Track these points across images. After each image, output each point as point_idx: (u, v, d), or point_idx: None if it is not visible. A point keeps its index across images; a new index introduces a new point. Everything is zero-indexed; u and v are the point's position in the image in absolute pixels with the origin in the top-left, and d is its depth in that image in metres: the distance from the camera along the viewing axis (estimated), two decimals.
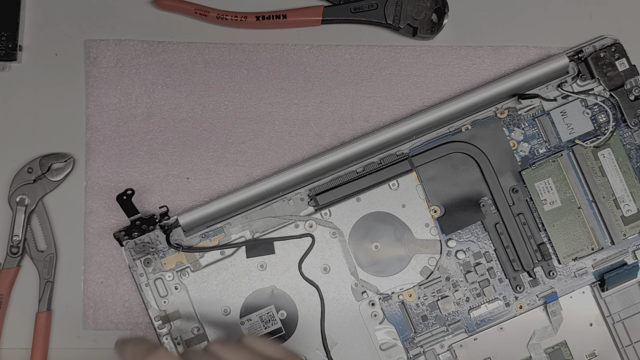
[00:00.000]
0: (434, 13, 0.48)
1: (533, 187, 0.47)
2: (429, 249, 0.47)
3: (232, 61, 0.49)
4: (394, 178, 0.47)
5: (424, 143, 0.47)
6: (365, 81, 0.49)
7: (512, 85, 0.47)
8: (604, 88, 0.47)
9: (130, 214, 0.46)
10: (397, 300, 0.47)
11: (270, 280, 0.47)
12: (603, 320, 0.47)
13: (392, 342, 0.47)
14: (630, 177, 0.47)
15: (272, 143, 0.49)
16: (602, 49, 0.47)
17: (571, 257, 0.47)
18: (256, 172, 0.49)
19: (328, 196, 0.47)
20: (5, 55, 0.48)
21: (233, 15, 0.48)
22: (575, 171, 0.47)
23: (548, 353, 0.47)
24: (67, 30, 0.49)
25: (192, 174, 0.49)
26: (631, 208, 0.47)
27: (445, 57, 0.49)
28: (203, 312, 0.47)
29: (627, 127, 0.47)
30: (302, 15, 0.48)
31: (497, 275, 0.47)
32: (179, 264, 0.47)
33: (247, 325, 0.47)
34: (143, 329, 0.48)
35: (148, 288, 0.47)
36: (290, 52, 0.49)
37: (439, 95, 0.49)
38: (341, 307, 0.47)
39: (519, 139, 0.47)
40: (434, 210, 0.47)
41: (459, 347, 0.47)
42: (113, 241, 0.48)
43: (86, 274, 0.48)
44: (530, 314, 0.47)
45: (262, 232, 0.47)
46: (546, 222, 0.47)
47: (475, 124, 0.47)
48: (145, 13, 0.49)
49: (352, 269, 0.47)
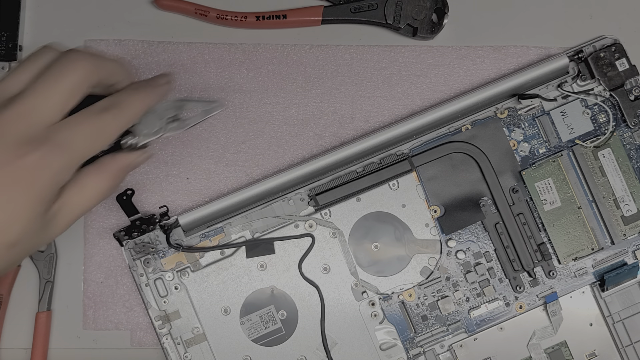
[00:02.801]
0: (434, 13, 0.48)
1: (533, 187, 0.47)
2: (429, 249, 0.47)
3: (232, 61, 0.49)
4: (394, 178, 0.47)
5: (424, 143, 0.47)
6: (365, 81, 0.49)
7: (512, 85, 0.47)
8: (604, 88, 0.47)
9: (130, 214, 0.46)
10: (397, 300, 0.47)
11: (270, 280, 0.47)
12: (603, 320, 0.47)
13: (392, 342, 0.47)
14: (630, 177, 0.47)
15: (272, 143, 0.49)
16: (602, 49, 0.47)
17: (571, 257, 0.47)
18: (256, 172, 0.49)
19: (328, 196, 0.47)
20: (5, 55, 0.48)
21: (233, 15, 0.48)
22: (575, 171, 0.47)
23: (548, 353, 0.47)
24: (67, 30, 0.49)
25: (192, 174, 0.49)
26: (631, 208, 0.47)
27: (445, 57, 0.49)
28: (203, 312, 0.47)
29: (627, 127, 0.47)
30: (302, 15, 0.48)
31: (497, 275, 0.47)
32: (179, 264, 0.47)
33: (247, 325, 0.47)
34: (143, 328, 0.48)
35: (148, 288, 0.47)
36: (290, 52, 0.49)
37: (439, 95, 0.49)
38: (341, 307, 0.47)
39: (519, 139, 0.47)
40: (434, 210, 0.47)
41: (459, 347, 0.47)
42: (113, 241, 0.48)
43: (86, 274, 0.48)
44: (530, 314, 0.47)
45: (262, 232, 0.47)
46: (546, 222, 0.47)
47: (475, 124, 0.47)
48: (145, 13, 0.49)
49: (352, 269, 0.47)
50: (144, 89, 0.37)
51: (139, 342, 0.48)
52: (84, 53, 0.35)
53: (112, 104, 0.35)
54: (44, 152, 0.32)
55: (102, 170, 0.36)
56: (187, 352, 0.46)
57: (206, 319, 0.47)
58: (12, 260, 0.34)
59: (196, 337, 0.47)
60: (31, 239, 0.34)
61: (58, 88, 0.33)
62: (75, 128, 0.34)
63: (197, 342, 0.47)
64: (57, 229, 0.35)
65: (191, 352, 0.46)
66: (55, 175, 0.33)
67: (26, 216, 0.33)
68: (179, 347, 0.46)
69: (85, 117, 0.34)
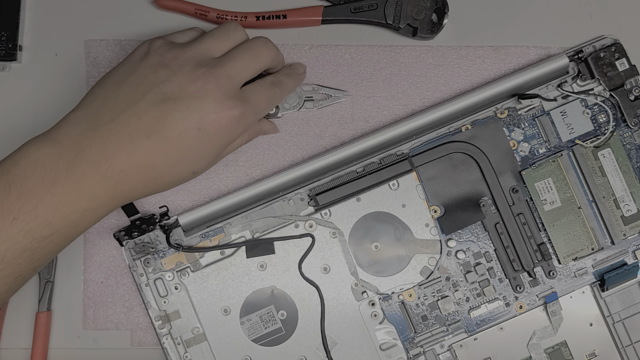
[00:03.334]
0: (434, 13, 0.48)
1: (533, 187, 0.47)
2: (429, 249, 0.47)
3: None
4: (394, 178, 0.47)
5: (424, 143, 0.47)
6: (365, 81, 0.49)
7: (512, 85, 0.47)
8: (604, 88, 0.47)
9: (130, 214, 0.46)
10: (397, 300, 0.47)
11: (270, 280, 0.47)
12: (603, 320, 0.47)
13: (392, 342, 0.47)
14: (630, 177, 0.47)
15: (272, 143, 0.49)
16: (602, 49, 0.47)
17: (571, 257, 0.47)
18: (256, 172, 0.49)
19: (328, 196, 0.47)
20: (5, 55, 0.48)
21: (233, 15, 0.48)
22: (575, 171, 0.47)
23: (548, 353, 0.47)
24: (67, 30, 0.49)
25: None
26: (631, 208, 0.47)
27: (445, 57, 0.49)
28: (203, 312, 0.47)
29: (627, 127, 0.47)
30: (302, 15, 0.48)
31: (497, 275, 0.47)
32: (179, 264, 0.47)
33: (247, 325, 0.47)
34: (143, 328, 0.48)
35: (148, 288, 0.47)
36: (290, 52, 0.49)
37: (439, 95, 0.49)
38: (341, 307, 0.47)
39: (519, 139, 0.47)
40: (434, 210, 0.47)
41: (459, 347, 0.47)
42: (113, 241, 0.48)
43: (86, 274, 0.48)
44: (530, 314, 0.47)
45: (262, 232, 0.47)
46: (546, 222, 0.47)
47: (475, 124, 0.47)
48: (145, 13, 0.49)
49: (352, 269, 0.47)
50: (295, 74, 0.46)
51: (139, 342, 0.48)
52: (271, 43, 0.43)
53: (278, 81, 0.44)
54: (246, 109, 0.41)
55: (248, 130, 0.45)
56: (187, 352, 0.46)
57: (206, 319, 0.47)
58: (188, 180, 0.43)
59: (196, 337, 0.47)
60: (207, 168, 0.43)
61: (255, 64, 0.42)
62: (260, 94, 0.43)
63: (197, 342, 0.47)
64: (215, 164, 0.44)
65: (191, 352, 0.46)
66: (246, 128, 0.42)
67: (215, 155, 0.42)
68: (179, 347, 0.46)
69: (264, 87, 0.43)
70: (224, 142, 0.41)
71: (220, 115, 0.40)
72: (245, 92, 0.42)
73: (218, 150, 0.42)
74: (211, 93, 0.39)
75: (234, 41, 0.43)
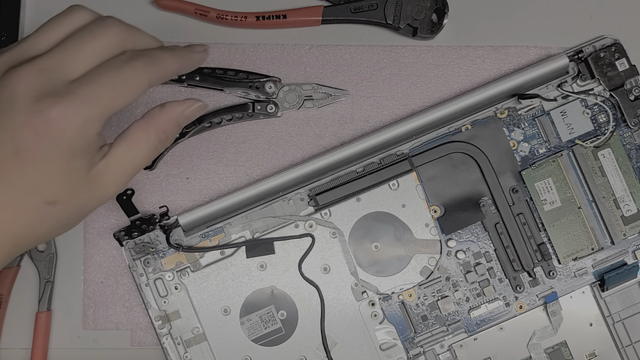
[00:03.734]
0: (434, 13, 0.48)
1: (533, 187, 0.47)
2: (429, 249, 0.47)
3: (232, 61, 0.49)
4: (394, 178, 0.47)
5: (424, 143, 0.47)
6: (365, 81, 0.49)
7: (512, 85, 0.47)
8: (604, 88, 0.47)
9: (130, 214, 0.46)
10: (397, 300, 0.47)
11: (270, 280, 0.47)
12: (603, 320, 0.47)
13: (392, 342, 0.47)
14: (630, 177, 0.47)
15: (272, 143, 0.49)
16: (602, 49, 0.47)
17: (571, 257, 0.47)
18: (256, 172, 0.49)
19: (328, 196, 0.47)
20: None
21: (233, 15, 0.48)
22: (575, 171, 0.47)
23: (548, 353, 0.47)
24: None
25: (192, 174, 0.49)
26: (631, 208, 0.47)
27: (445, 57, 0.49)
28: (203, 312, 0.47)
29: (627, 127, 0.47)
30: (302, 15, 0.48)
31: (497, 275, 0.47)
32: (179, 264, 0.47)
33: (247, 325, 0.47)
34: (143, 328, 0.48)
35: (148, 288, 0.47)
36: (290, 52, 0.49)
37: (439, 95, 0.49)
38: (341, 307, 0.47)
39: (519, 139, 0.47)
40: (434, 210, 0.47)
41: (459, 347, 0.47)
42: (113, 241, 0.48)
43: (86, 274, 0.48)
44: (530, 314, 0.47)
45: (262, 232, 0.47)
46: (546, 222, 0.47)
47: (475, 124, 0.47)
48: (145, 13, 0.49)
49: (352, 269, 0.47)
50: (180, 51, 0.36)
51: (139, 342, 0.48)
52: (120, 21, 0.34)
53: (142, 54, 0.34)
54: (64, 106, 0.31)
55: (150, 123, 0.35)
56: (187, 352, 0.46)
57: (206, 319, 0.47)
58: (61, 219, 0.33)
59: (196, 337, 0.47)
60: (74, 196, 0.33)
61: (87, 49, 0.33)
62: (98, 79, 0.32)
63: (197, 342, 0.47)
64: (108, 188, 0.34)
65: (191, 352, 0.46)
66: (80, 129, 0.32)
67: (58, 171, 0.32)
68: (179, 347, 0.47)
69: (109, 67, 0.33)
70: (57, 154, 0.32)
71: (26, 124, 0.31)
72: (75, 83, 0.32)
73: (60, 168, 0.32)
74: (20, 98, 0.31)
75: (63, 29, 0.35)
